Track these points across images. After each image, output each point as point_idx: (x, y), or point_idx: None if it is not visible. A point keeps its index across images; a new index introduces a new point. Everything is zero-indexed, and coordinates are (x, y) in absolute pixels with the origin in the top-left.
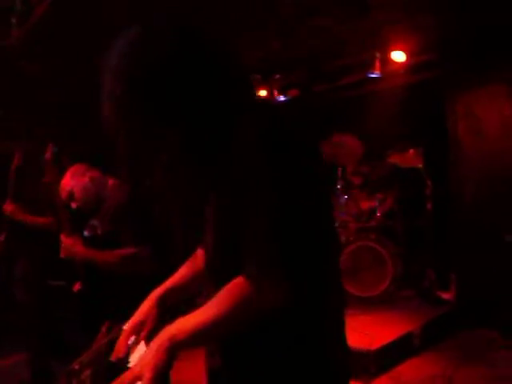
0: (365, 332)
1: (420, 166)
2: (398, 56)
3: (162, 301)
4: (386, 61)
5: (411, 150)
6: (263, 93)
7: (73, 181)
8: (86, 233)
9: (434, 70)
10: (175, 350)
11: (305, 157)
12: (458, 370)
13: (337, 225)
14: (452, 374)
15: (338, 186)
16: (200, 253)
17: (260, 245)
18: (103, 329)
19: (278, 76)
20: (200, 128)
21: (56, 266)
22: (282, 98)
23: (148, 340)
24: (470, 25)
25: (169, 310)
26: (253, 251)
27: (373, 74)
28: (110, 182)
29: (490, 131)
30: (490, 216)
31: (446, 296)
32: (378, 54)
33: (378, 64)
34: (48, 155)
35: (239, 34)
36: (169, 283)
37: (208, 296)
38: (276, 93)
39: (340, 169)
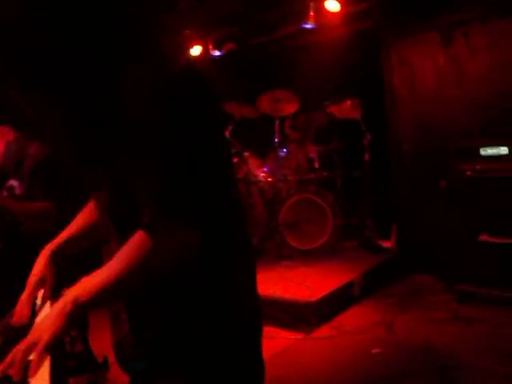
0: (305, 284)
1: (357, 116)
2: (332, 5)
3: (56, 254)
4: (320, 10)
5: (348, 101)
6: (198, 48)
7: None
8: (4, 194)
9: (368, 20)
10: (79, 312)
11: (199, 103)
12: (398, 316)
13: (277, 178)
14: (392, 319)
15: (276, 140)
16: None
17: (154, 194)
18: None
19: (212, 30)
20: (75, 69)
21: None
22: (217, 53)
23: (53, 299)
24: None
25: (67, 263)
26: (147, 201)
27: (307, 24)
28: (32, 143)
29: (425, 80)
30: (426, 165)
31: (386, 244)
32: (311, 4)
33: (311, 14)
34: None
35: None
36: (63, 235)
37: (112, 252)
38: (211, 47)
39: (277, 122)
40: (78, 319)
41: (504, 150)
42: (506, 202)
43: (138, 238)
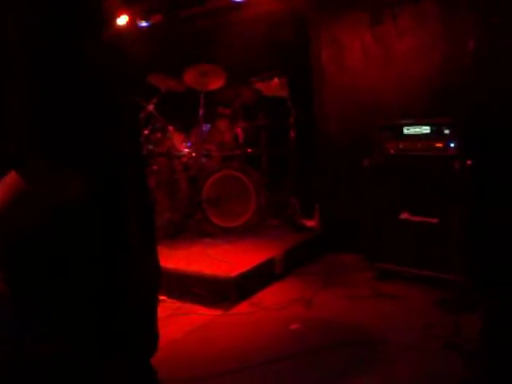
0: (226, 260)
1: (285, 95)
2: None
3: None
4: None
5: (276, 79)
6: (124, 18)
7: None
8: None
9: None
10: None
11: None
12: (318, 293)
13: (200, 154)
14: (312, 296)
15: (200, 114)
16: None
17: (28, 135)
18: None
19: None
20: None
21: None
22: (144, 24)
23: None
24: None
25: None
26: (21, 143)
27: None
28: None
29: (353, 59)
30: (350, 144)
31: (309, 224)
32: None
33: None
34: None
35: None
36: None
37: None
38: (138, 18)
39: (202, 96)
40: None
41: (426, 130)
42: (426, 181)
43: (7, 180)
